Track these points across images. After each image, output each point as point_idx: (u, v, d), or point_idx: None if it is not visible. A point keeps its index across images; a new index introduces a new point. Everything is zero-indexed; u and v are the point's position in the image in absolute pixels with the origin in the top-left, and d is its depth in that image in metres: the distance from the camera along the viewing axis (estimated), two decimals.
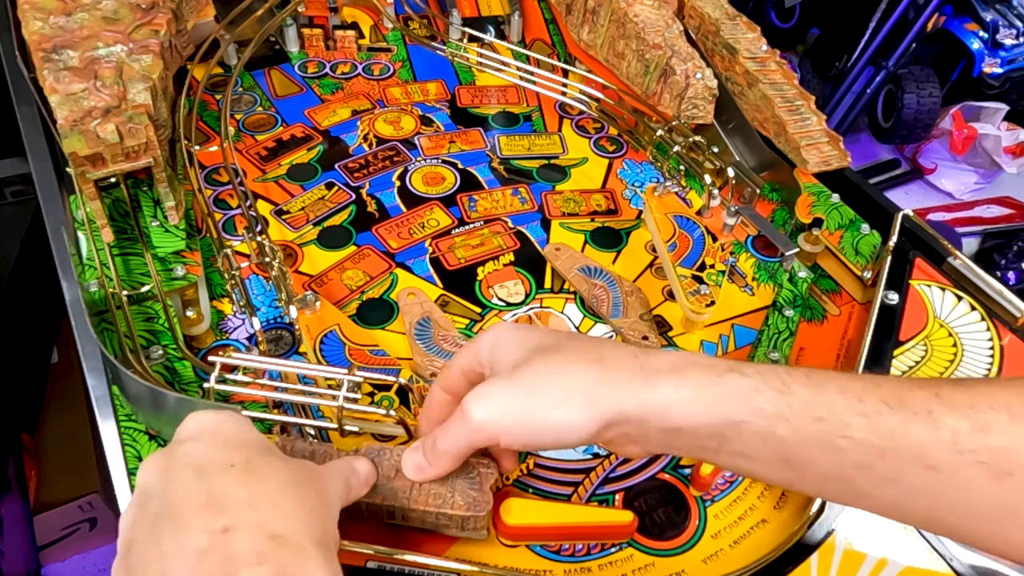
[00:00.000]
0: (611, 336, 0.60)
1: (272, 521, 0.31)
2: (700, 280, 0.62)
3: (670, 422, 0.36)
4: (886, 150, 2.08)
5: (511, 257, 0.66)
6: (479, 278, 0.64)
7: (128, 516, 0.33)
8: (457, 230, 0.68)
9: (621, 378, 0.36)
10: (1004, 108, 1.92)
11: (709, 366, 0.36)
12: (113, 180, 0.59)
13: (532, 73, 0.84)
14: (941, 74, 1.92)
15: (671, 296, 0.63)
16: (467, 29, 0.87)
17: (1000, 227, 1.83)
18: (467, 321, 0.60)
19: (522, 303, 0.62)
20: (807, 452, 0.34)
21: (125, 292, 0.54)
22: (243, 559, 0.29)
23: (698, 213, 0.68)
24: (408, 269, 0.64)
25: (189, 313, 0.56)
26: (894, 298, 0.58)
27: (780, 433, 0.34)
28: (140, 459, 0.47)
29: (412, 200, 0.70)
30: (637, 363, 0.37)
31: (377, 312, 0.61)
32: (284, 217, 0.68)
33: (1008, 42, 1.86)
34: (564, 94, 0.83)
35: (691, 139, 0.73)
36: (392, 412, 0.51)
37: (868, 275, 0.62)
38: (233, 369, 0.52)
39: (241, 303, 0.58)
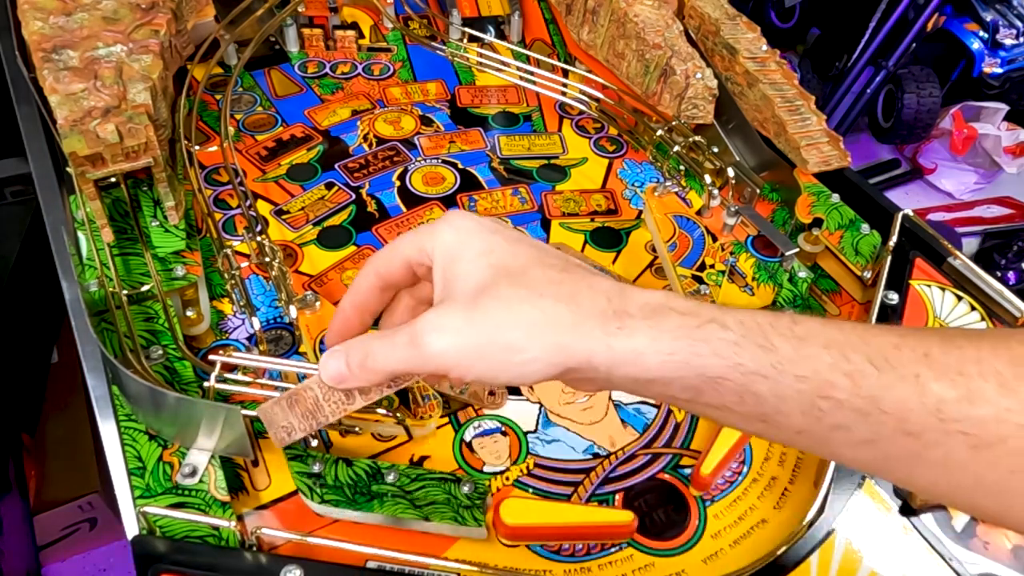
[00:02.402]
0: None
1: None
2: (700, 280, 0.62)
3: (642, 372, 0.34)
4: (886, 150, 2.08)
5: None
6: None
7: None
8: None
9: (594, 324, 0.34)
10: (1004, 108, 1.92)
11: (688, 313, 0.34)
12: (113, 180, 0.59)
13: (532, 73, 0.84)
14: (941, 74, 1.92)
15: None
16: (467, 29, 0.87)
17: (1000, 227, 1.83)
18: None
19: None
20: (784, 409, 0.32)
21: (125, 292, 0.54)
22: None
23: (698, 213, 0.68)
24: None
25: (189, 313, 0.56)
26: (894, 298, 0.57)
27: (757, 390, 0.32)
28: (140, 459, 0.47)
29: (412, 200, 0.70)
30: (611, 307, 0.34)
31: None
32: (284, 217, 0.68)
33: (1008, 42, 1.86)
34: (564, 94, 0.83)
35: (691, 139, 0.73)
36: (392, 412, 0.51)
37: (868, 275, 0.62)
38: (233, 369, 0.52)
39: (241, 303, 0.58)
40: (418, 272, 0.39)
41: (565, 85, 0.83)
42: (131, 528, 0.44)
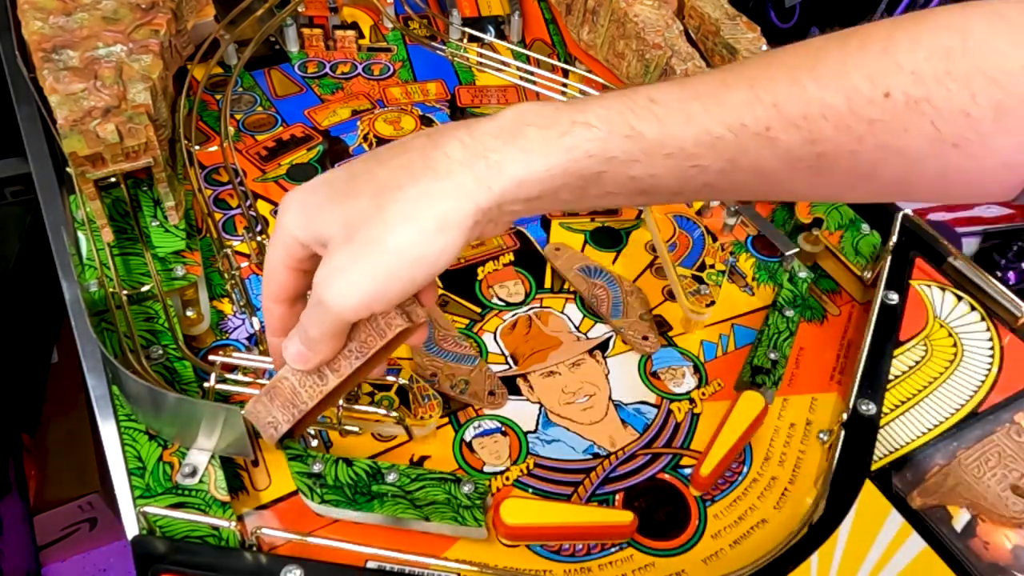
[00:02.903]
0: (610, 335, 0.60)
1: None
2: (700, 280, 0.62)
3: (528, 194, 0.35)
4: None
5: (511, 257, 0.66)
6: (479, 278, 0.64)
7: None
8: None
9: (461, 177, 0.34)
10: None
11: (548, 124, 0.34)
12: (113, 180, 0.59)
13: (532, 73, 0.84)
14: None
15: (671, 296, 0.63)
16: (467, 29, 0.87)
17: (1000, 227, 1.83)
18: (467, 321, 0.60)
19: (522, 303, 0.62)
20: (659, 183, 0.36)
21: (125, 292, 0.55)
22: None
23: (698, 213, 0.68)
24: None
25: (189, 313, 0.56)
26: (894, 298, 0.58)
27: (633, 173, 0.35)
28: (140, 459, 0.47)
29: None
30: (468, 151, 0.34)
31: None
32: None
33: None
34: (564, 94, 0.83)
35: None
36: (392, 412, 0.51)
37: (868, 275, 0.62)
38: (233, 369, 0.52)
39: (241, 303, 0.58)
40: (306, 267, 0.39)
41: (565, 85, 0.83)
42: (131, 528, 0.44)
